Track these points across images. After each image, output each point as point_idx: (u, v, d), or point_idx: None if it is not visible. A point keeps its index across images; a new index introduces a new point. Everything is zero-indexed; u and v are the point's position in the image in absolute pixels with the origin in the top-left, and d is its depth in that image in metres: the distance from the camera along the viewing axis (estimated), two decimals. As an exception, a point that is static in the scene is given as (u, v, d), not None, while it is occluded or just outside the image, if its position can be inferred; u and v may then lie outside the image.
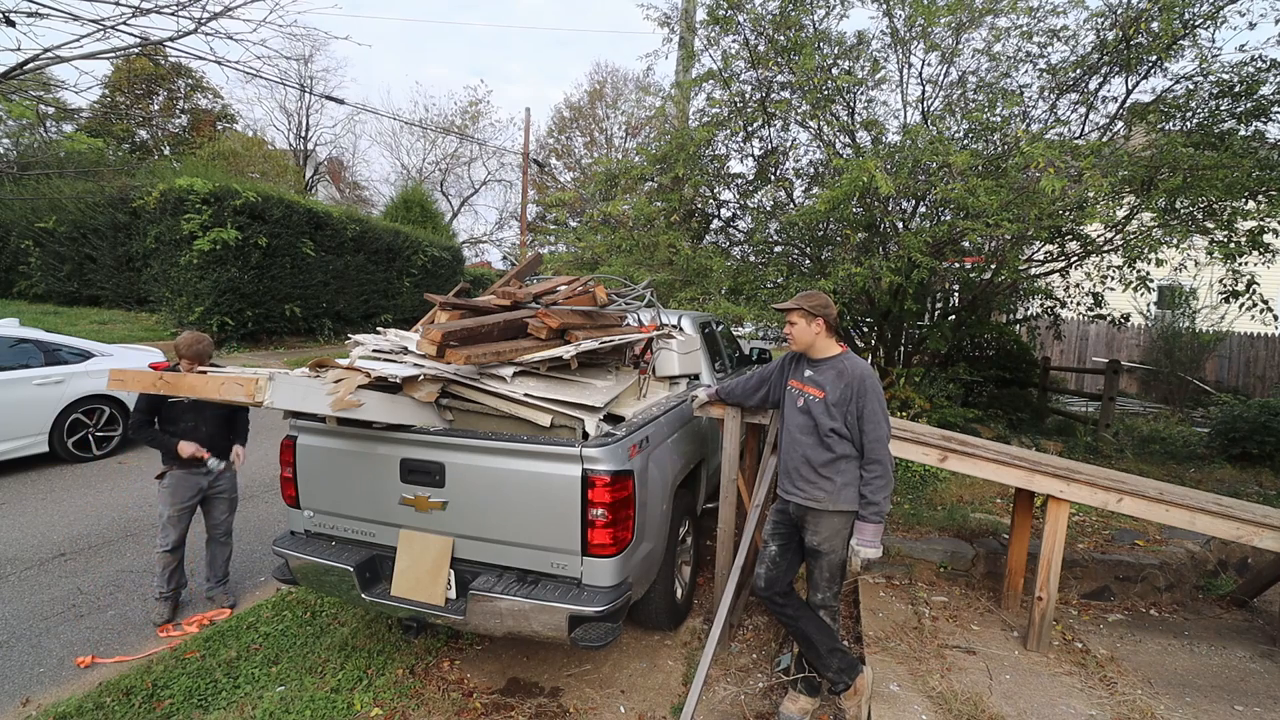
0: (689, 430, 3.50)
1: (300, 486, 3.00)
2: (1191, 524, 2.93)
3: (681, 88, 7.47)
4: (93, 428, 6.19)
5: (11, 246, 14.08)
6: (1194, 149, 4.77)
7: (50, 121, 17.82)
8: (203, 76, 23.75)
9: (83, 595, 3.72)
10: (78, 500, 5.15)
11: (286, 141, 25.91)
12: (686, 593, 3.63)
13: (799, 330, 2.64)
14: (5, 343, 5.78)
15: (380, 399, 2.58)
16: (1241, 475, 6.12)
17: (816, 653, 2.61)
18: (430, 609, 2.68)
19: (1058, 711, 2.63)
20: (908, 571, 3.94)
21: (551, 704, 2.86)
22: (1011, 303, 7.98)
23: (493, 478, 2.63)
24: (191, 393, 2.34)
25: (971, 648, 3.11)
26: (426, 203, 21.62)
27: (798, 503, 2.63)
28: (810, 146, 6.51)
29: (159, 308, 12.68)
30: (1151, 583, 3.78)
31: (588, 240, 8.60)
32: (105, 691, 2.85)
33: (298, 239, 13.17)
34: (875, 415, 2.49)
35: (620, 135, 29.27)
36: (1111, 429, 7.44)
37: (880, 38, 5.82)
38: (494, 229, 31.85)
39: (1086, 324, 12.97)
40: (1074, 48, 5.65)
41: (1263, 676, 2.97)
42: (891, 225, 5.79)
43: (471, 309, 3.18)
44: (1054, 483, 3.02)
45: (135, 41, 8.16)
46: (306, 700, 2.81)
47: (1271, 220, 4.83)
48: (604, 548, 2.53)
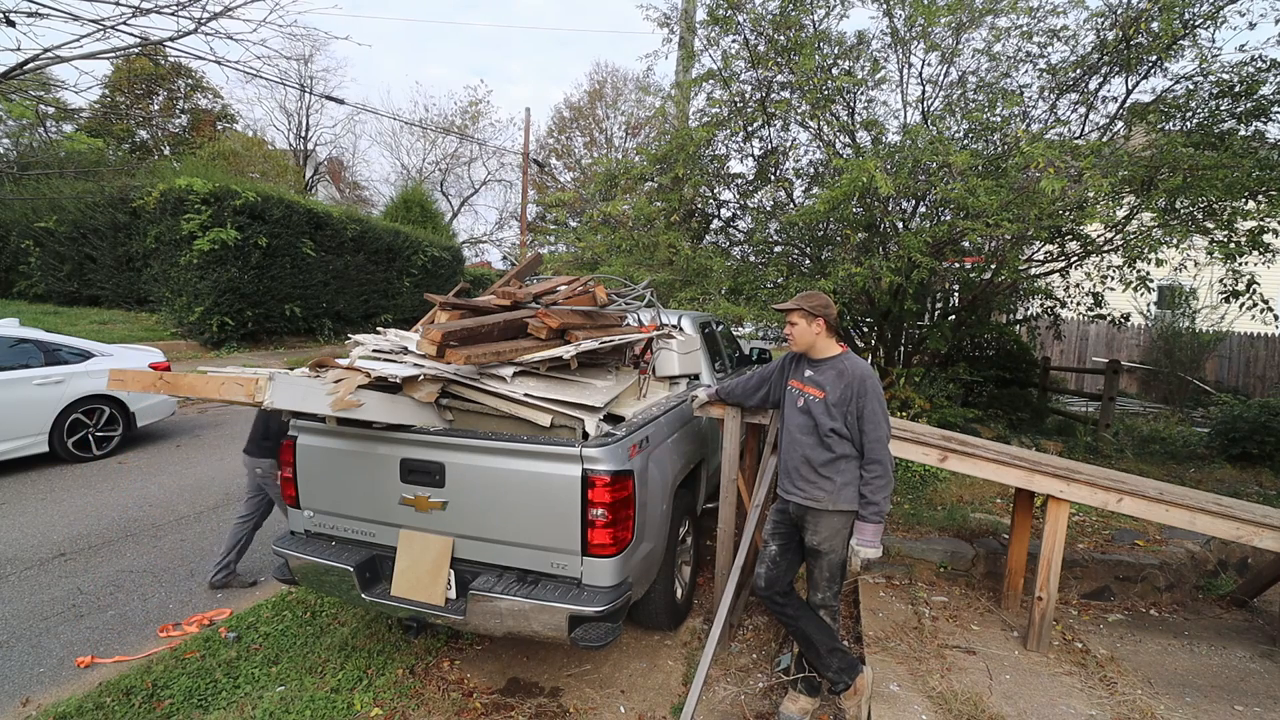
0: (689, 430, 3.50)
1: (300, 486, 3.00)
2: (1191, 524, 2.93)
3: (681, 88, 7.47)
4: (93, 428, 6.19)
5: (11, 246, 14.08)
6: (1194, 149, 4.77)
7: (50, 121, 17.82)
8: (203, 76, 23.78)
9: (83, 595, 3.72)
10: (78, 500, 5.16)
11: (286, 141, 25.93)
12: (686, 593, 3.63)
13: (799, 330, 2.64)
14: (5, 343, 5.79)
15: (380, 399, 2.58)
16: (1241, 475, 6.11)
17: (816, 653, 2.61)
18: (430, 609, 2.67)
19: (1058, 711, 2.63)
20: (908, 571, 3.94)
21: (551, 704, 2.86)
22: (1011, 303, 7.97)
23: (493, 478, 2.63)
24: (191, 393, 2.33)
25: (971, 648, 3.11)
26: (426, 203, 21.63)
27: (798, 502, 2.63)
28: (810, 146, 6.51)
29: (159, 308, 12.70)
30: (1151, 583, 3.78)
31: (588, 240, 8.60)
32: (105, 691, 2.85)
33: (298, 239, 13.18)
34: (875, 415, 2.49)
35: (620, 135, 29.29)
36: (1111, 429, 7.44)
37: (880, 38, 5.82)
38: (494, 229, 31.90)
39: (1086, 324, 12.97)
40: (1074, 48, 5.65)
41: (1263, 676, 2.97)
42: (891, 225, 5.79)
43: (471, 309, 3.18)
44: (1054, 483, 3.02)
45: (135, 41, 8.17)
46: (306, 700, 2.81)
47: (1271, 220, 4.83)
48: (604, 548, 2.53)
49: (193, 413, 8.34)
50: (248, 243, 12.05)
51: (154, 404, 6.75)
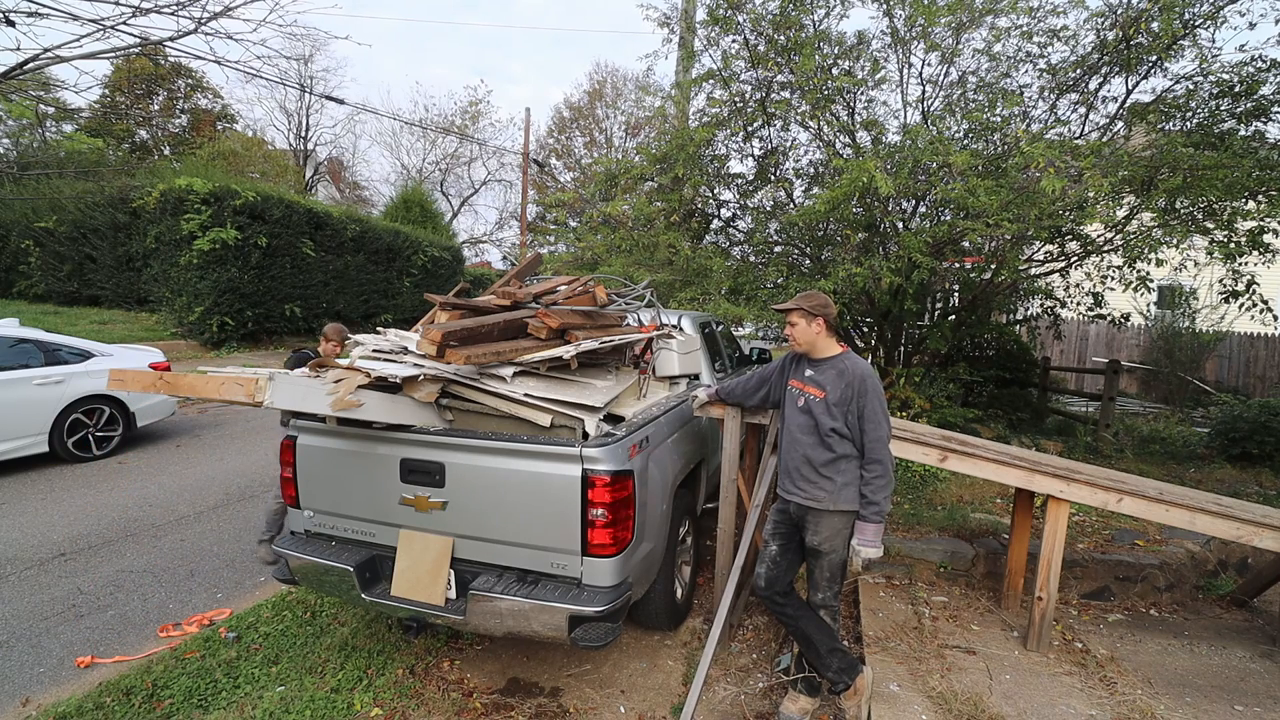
0: (689, 430, 3.50)
1: (300, 486, 3.00)
2: (1191, 524, 2.93)
3: (681, 88, 7.47)
4: (93, 428, 6.19)
5: (11, 246, 14.09)
6: (1194, 149, 4.77)
7: (50, 121, 17.83)
8: (203, 76, 23.79)
9: (83, 595, 3.72)
10: (78, 500, 5.16)
11: (286, 141, 25.95)
12: (686, 593, 3.63)
13: (799, 330, 2.64)
14: (5, 343, 5.79)
15: (380, 399, 2.58)
16: (1241, 475, 6.12)
17: (816, 653, 2.61)
18: (430, 609, 2.67)
19: (1058, 711, 2.63)
20: (908, 571, 3.94)
21: (551, 704, 2.86)
22: (1011, 303, 7.98)
23: (493, 478, 2.63)
24: (191, 393, 2.33)
25: (971, 648, 3.11)
26: (426, 203, 21.65)
27: (798, 502, 2.64)
28: (810, 146, 6.52)
29: (159, 308, 12.70)
30: (1151, 583, 3.78)
31: (588, 240, 8.60)
32: (105, 691, 2.85)
33: (298, 239, 13.18)
34: (876, 415, 2.49)
35: (620, 135, 29.29)
36: (1111, 429, 7.43)
37: (880, 38, 5.82)
38: (494, 229, 31.92)
39: (1086, 324, 12.98)
40: (1074, 48, 5.65)
41: (1263, 676, 2.97)
42: (891, 225, 5.79)
43: (471, 309, 3.18)
44: (1054, 483, 3.02)
45: (135, 41, 8.18)
46: (306, 700, 2.81)
47: (1271, 220, 4.83)
48: (604, 548, 2.53)
49: (193, 413, 8.35)
50: (248, 243, 12.05)
51: (154, 404, 6.75)
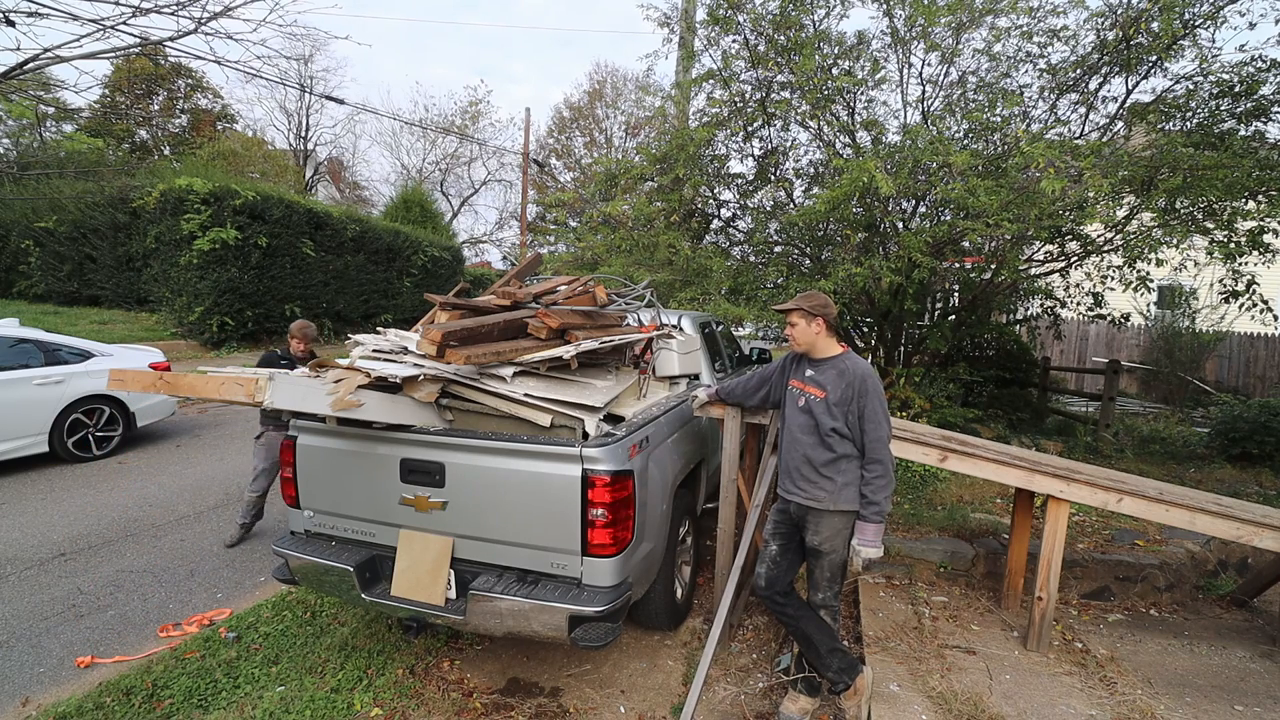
0: (689, 430, 3.50)
1: (300, 486, 3.00)
2: (1191, 524, 2.93)
3: (681, 88, 7.47)
4: (93, 428, 6.19)
5: (11, 246, 14.09)
6: (1194, 149, 4.77)
7: (50, 121, 17.84)
8: (203, 76, 23.80)
9: (83, 595, 3.72)
10: (78, 500, 5.16)
11: (286, 141, 25.95)
12: (686, 593, 3.63)
13: (799, 331, 2.64)
14: (5, 343, 5.78)
15: (380, 399, 2.58)
16: (1241, 475, 6.12)
17: (816, 653, 2.61)
18: (430, 609, 2.67)
19: (1058, 711, 2.63)
20: (908, 571, 3.94)
21: (551, 704, 2.86)
22: (1011, 303, 7.98)
23: (493, 478, 2.63)
24: (191, 393, 2.34)
25: (971, 648, 3.11)
26: (426, 203, 21.64)
27: (798, 502, 2.64)
28: (810, 146, 6.51)
29: (159, 308, 12.70)
30: (1151, 583, 3.78)
31: (588, 240, 8.59)
32: (105, 691, 2.85)
33: (298, 239, 13.18)
34: (876, 415, 2.49)
35: (620, 135, 29.29)
36: (1111, 429, 7.44)
37: (880, 38, 5.82)
38: (494, 229, 31.93)
39: (1086, 324, 12.98)
40: (1074, 48, 5.65)
41: (1263, 676, 2.97)
42: (891, 225, 5.79)
43: (471, 309, 3.18)
44: (1054, 483, 3.02)
45: (135, 41, 8.18)
46: (306, 700, 2.81)
47: (1271, 220, 4.83)
48: (604, 548, 2.53)
49: (193, 413, 8.34)
50: (248, 243, 12.05)
51: (154, 404, 6.75)
